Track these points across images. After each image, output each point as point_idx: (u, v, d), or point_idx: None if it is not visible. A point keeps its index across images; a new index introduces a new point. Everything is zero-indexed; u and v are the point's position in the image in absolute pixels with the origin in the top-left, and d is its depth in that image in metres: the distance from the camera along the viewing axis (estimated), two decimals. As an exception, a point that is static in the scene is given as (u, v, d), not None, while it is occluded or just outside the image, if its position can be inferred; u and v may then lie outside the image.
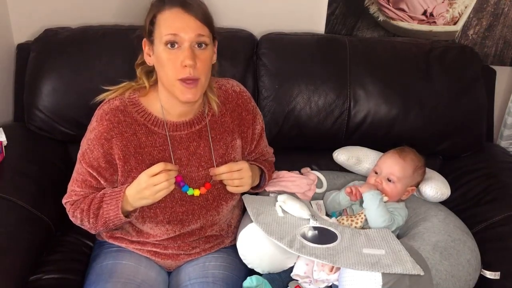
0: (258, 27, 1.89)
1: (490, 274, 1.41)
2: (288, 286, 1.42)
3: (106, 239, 1.50)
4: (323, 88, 1.73)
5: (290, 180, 1.61)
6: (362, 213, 1.50)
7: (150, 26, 1.29)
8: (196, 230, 1.45)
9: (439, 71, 1.74)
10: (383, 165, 1.57)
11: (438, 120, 1.74)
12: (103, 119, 1.35)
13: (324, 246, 1.34)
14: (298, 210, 1.45)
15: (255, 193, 1.57)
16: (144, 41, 1.34)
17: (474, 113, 1.77)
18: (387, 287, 1.23)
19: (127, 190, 1.34)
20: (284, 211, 1.46)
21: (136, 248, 1.46)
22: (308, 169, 1.75)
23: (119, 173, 1.37)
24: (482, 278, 1.42)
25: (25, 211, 1.47)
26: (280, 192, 1.56)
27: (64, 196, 1.43)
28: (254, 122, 1.49)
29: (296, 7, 1.90)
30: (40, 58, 1.72)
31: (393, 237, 1.39)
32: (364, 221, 1.49)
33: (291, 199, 1.48)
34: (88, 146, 1.36)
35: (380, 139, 1.76)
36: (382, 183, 1.54)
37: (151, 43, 1.31)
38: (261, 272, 1.44)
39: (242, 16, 1.90)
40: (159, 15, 1.28)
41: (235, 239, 1.49)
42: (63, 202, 1.44)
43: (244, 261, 1.45)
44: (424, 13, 1.92)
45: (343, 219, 1.52)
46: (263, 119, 1.56)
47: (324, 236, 1.38)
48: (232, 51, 1.75)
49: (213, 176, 1.40)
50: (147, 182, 1.30)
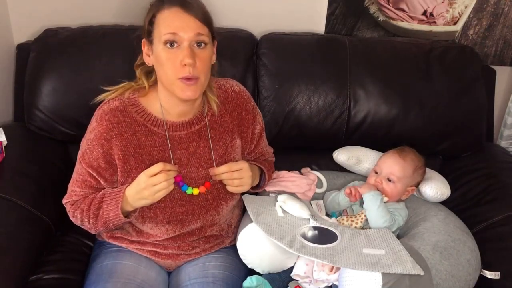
0: (258, 27, 1.89)
1: (490, 274, 1.41)
2: (288, 286, 1.42)
3: (106, 239, 1.50)
4: (323, 88, 1.73)
5: (290, 180, 1.61)
6: (362, 213, 1.50)
7: (149, 26, 1.29)
8: (196, 230, 1.45)
9: (439, 71, 1.74)
10: (383, 165, 1.57)
11: (438, 120, 1.74)
12: (102, 120, 1.35)
13: (324, 246, 1.34)
14: (298, 210, 1.45)
15: (255, 193, 1.57)
16: (143, 41, 1.34)
17: (474, 113, 1.77)
18: (387, 287, 1.23)
19: (126, 190, 1.34)
20: (284, 211, 1.46)
21: (136, 248, 1.46)
22: (308, 169, 1.75)
23: (118, 173, 1.37)
24: (482, 278, 1.42)
25: (25, 211, 1.47)
26: (280, 192, 1.56)
27: (64, 197, 1.44)
28: (254, 122, 1.49)
29: (296, 7, 1.90)
30: (40, 58, 1.72)
31: (393, 237, 1.39)
32: (364, 221, 1.49)
33: (291, 199, 1.48)
34: (87, 146, 1.36)
35: (380, 139, 1.76)
36: (382, 183, 1.54)
37: (150, 43, 1.31)
38: (261, 272, 1.44)
39: (242, 16, 1.90)
40: (158, 14, 1.28)
41: (235, 239, 1.49)
42: (63, 203, 1.44)
43: (244, 261, 1.45)
44: (424, 13, 1.91)
45: (343, 219, 1.52)
46: (263, 119, 1.56)
47: (324, 236, 1.38)
48: (232, 51, 1.75)
49: (213, 176, 1.40)
50: (146, 183, 1.30)
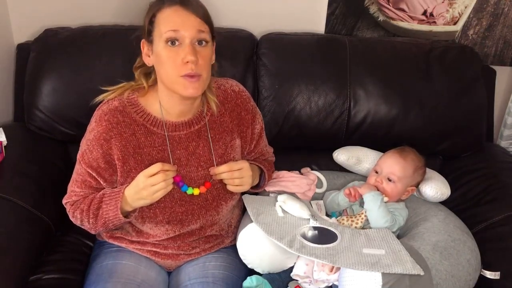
0: (258, 27, 1.89)
1: (490, 274, 1.41)
2: (288, 286, 1.42)
3: (106, 239, 1.50)
4: (323, 88, 1.73)
5: (290, 180, 1.61)
6: (362, 213, 1.50)
7: (149, 26, 1.29)
8: (196, 230, 1.45)
9: (439, 71, 1.74)
10: (384, 164, 1.57)
11: (438, 120, 1.74)
12: (102, 120, 1.35)
13: (324, 246, 1.34)
14: (298, 210, 1.45)
15: (255, 193, 1.57)
16: (143, 42, 1.33)
17: (474, 113, 1.77)
18: (387, 287, 1.23)
19: (126, 190, 1.34)
20: (284, 211, 1.46)
21: (136, 248, 1.46)
22: (308, 169, 1.75)
23: (118, 173, 1.37)
24: (482, 278, 1.42)
25: (25, 211, 1.47)
26: (280, 192, 1.56)
27: (64, 197, 1.44)
28: (254, 122, 1.49)
29: (296, 7, 1.90)
30: (40, 58, 1.72)
31: (393, 237, 1.39)
32: (365, 221, 1.49)
33: (291, 199, 1.48)
34: (87, 146, 1.36)
35: (380, 139, 1.76)
36: (383, 183, 1.54)
37: (150, 43, 1.31)
38: (261, 272, 1.44)
39: (242, 16, 1.90)
40: (158, 13, 1.28)
41: (235, 239, 1.49)
42: (63, 203, 1.44)
43: (244, 261, 1.45)
44: (424, 13, 1.91)
45: (343, 219, 1.52)
46: (263, 119, 1.56)
47: (324, 236, 1.38)
48: (232, 51, 1.75)
49: (213, 175, 1.40)
50: (144, 183, 1.30)
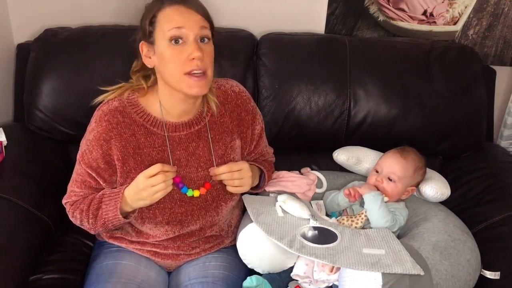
0: (258, 27, 1.89)
1: (490, 274, 1.41)
2: (288, 286, 1.42)
3: (106, 239, 1.49)
4: (323, 88, 1.73)
5: (290, 180, 1.61)
6: (363, 213, 1.50)
7: (150, 27, 1.29)
8: (195, 231, 1.45)
9: (439, 71, 1.74)
10: (384, 164, 1.57)
11: (438, 120, 1.74)
12: (102, 120, 1.35)
13: (324, 246, 1.34)
14: (298, 210, 1.45)
15: (255, 193, 1.57)
16: (142, 44, 1.32)
17: (474, 113, 1.77)
18: (387, 287, 1.23)
19: (125, 191, 1.34)
20: (284, 211, 1.46)
21: (136, 248, 1.46)
22: (308, 169, 1.75)
23: (118, 174, 1.37)
24: (482, 278, 1.42)
25: (25, 211, 1.47)
26: (280, 192, 1.56)
27: (64, 197, 1.44)
28: (254, 123, 1.49)
29: (296, 7, 1.90)
30: (40, 58, 1.72)
31: (393, 237, 1.39)
32: (365, 221, 1.49)
33: (291, 199, 1.48)
34: (87, 147, 1.36)
35: (380, 139, 1.76)
36: (383, 182, 1.54)
37: (151, 44, 1.30)
38: (261, 272, 1.44)
39: (242, 16, 1.90)
40: (159, 13, 1.27)
41: (235, 239, 1.49)
42: (63, 203, 1.44)
43: (244, 261, 1.45)
44: (424, 13, 1.91)
45: (343, 219, 1.52)
46: (263, 119, 1.56)
47: (324, 236, 1.38)
48: (232, 51, 1.75)
49: (213, 176, 1.40)
50: (144, 184, 1.29)
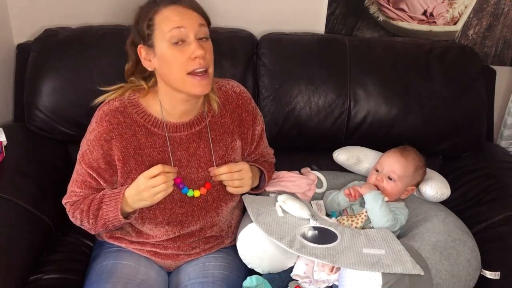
0: (258, 27, 1.89)
1: (490, 274, 1.41)
2: (288, 286, 1.42)
3: (106, 239, 1.49)
4: (323, 88, 1.73)
5: (290, 180, 1.61)
6: (363, 213, 1.50)
7: (148, 30, 1.28)
8: (195, 231, 1.45)
9: (439, 71, 1.74)
10: (385, 163, 1.58)
11: (438, 120, 1.74)
12: (102, 120, 1.35)
13: (324, 246, 1.34)
14: (298, 210, 1.45)
15: (255, 193, 1.57)
16: (140, 47, 1.32)
17: (474, 113, 1.77)
18: (387, 287, 1.23)
19: (126, 191, 1.34)
20: (284, 211, 1.46)
21: (136, 248, 1.46)
22: (308, 169, 1.75)
23: (118, 174, 1.37)
24: (482, 278, 1.42)
25: (25, 211, 1.47)
26: (280, 192, 1.56)
27: (64, 197, 1.44)
28: (254, 123, 1.49)
29: (296, 7, 1.90)
30: (40, 58, 1.72)
31: (393, 237, 1.39)
32: (365, 221, 1.49)
33: (291, 199, 1.48)
34: (87, 147, 1.36)
35: (380, 139, 1.76)
36: (383, 181, 1.54)
37: (150, 47, 1.30)
38: (261, 272, 1.44)
39: (242, 16, 1.90)
40: (156, 16, 1.27)
41: (235, 239, 1.49)
42: (63, 203, 1.44)
43: (244, 261, 1.45)
44: (424, 13, 1.91)
45: (344, 219, 1.52)
46: (263, 119, 1.56)
47: (324, 236, 1.38)
48: (232, 51, 1.75)
49: (213, 176, 1.40)
50: (145, 184, 1.29)
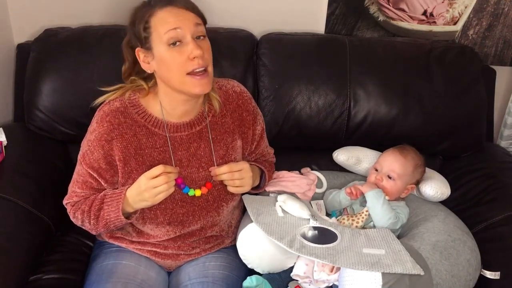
0: (258, 27, 1.89)
1: (490, 274, 1.41)
2: (288, 286, 1.42)
3: (107, 239, 1.50)
4: (323, 88, 1.73)
5: (290, 180, 1.61)
6: (363, 212, 1.50)
7: (144, 33, 1.28)
8: (196, 231, 1.45)
9: (439, 71, 1.74)
10: (384, 162, 1.58)
11: (438, 120, 1.74)
12: (103, 121, 1.35)
13: (324, 246, 1.34)
14: (298, 210, 1.45)
15: (255, 193, 1.57)
16: (138, 50, 1.32)
17: (474, 113, 1.77)
18: (387, 287, 1.23)
19: (127, 191, 1.34)
20: (284, 211, 1.46)
21: (136, 248, 1.46)
22: (308, 169, 1.75)
23: (119, 174, 1.37)
24: (482, 278, 1.42)
25: (25, 211, 1.47)
26: (280, 192, 1.56)
27: (65, 197, 1.44)
28: (255, 123, 1.49)
29: (296, 7, 1.90)
30: (40, 58, 1.72)
31: (393, 237, 1.39)
32: (365, 220, 1.50)
33: (291, 199, 1.48)
34: (88, 147, 1.36)
35: (380, 139, 1.76)
36: (383, 180, 1.54)
37: (147, 49, 1.30)
38: (261, 272, 1.44)
39: (242, 16, 1.90)
40: (152, 18, 1.27)
41: (235, 239, 1.49)
42: (64, 203, 1.44)
43: (244, 261, 1.45)
44: (424, 13, 1.91)
45: (344, 219, 1.52)
46: (263, 119, 1.56)
47: (324, 236, 1.38)
48: (232, 51, 1.75)
49: (214, 176, 1.40)
50: (146, 185, 1.29)
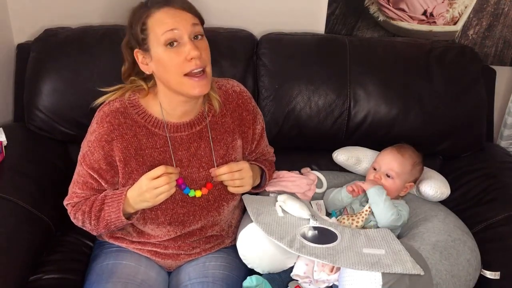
0: (258, 27, 1.89)
1: (490, 274, 1.41)
2: (288, 286, 1.42)
3: (107, 239, 1.49)
4: (323, 88, 1.73)
5: (290, 180, 1.61)
6: (363, 212, 1.51)
7: (142, 34, 1.28)
8: (196, 231, 1.45)
9: (439, 71, 1.74)
10: (382, 161, 1.58)
11: (438, 120, 1.74)
12: (103, 121, 1.35)
13: (324, 246, 1.34)
14: (298, 210, 1.45)
15: (256, 193, 1.57)
16: (136, 51, 1.32)
17: (474, 113, 1.77)
18: (387, 287, 1.23)
19: (128, 192, 1.33)
20: (284, 211, 1.46)
21: (137, 248, 1.46)
22: (308, 169, 1.75)
23: (120, 175, 1.36)
24: (482, 278, 1.42)
25: (25, 211, 1.47)
26: (280, 192, 1.56)
27: (65, 198, 1.43)
28: (255, 122, 1.49)
29: (296, 7, 1.90)
30: (40, 58, 1.72)
31: (393, 237, 1.39)
32: (365, 220, 1.50)
33: (291, 199, 1.48)
34: (88, 148, 1.36)
35: (380, 139, 1.76)
36: (381, 179, 1.54)
37: (145, 51, 1.29)
38: (261, 272, 1.44)
39: (242, 16, 1.90)
40: (149, 20, 1.27)
41: (235, 239, 1.49)
42: (64, 204, 1.44)
43: (244, 261, 1.45)
44: (424, 13, 1.91)
45: (344, 219, 1.52)
46: (263, 119, 1.56)
47: (324, 236, 1.38)
48: (232, 51, 1.75)
49: (214, 177, 1.40)
50: (147, 185, 1.29)
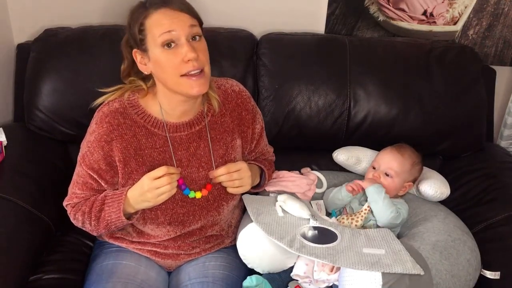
0: (258, 27, 1.89)
1: (490, 274, 1.41)
2: (288, 286, 1.42)
3: (107, 239, 1.49)
4: (323, 88, 1.73)
5: (290, 180, 1.61)
6: (362, 211, 1.51)
7: (140, 35, 1.28)
8: (196, 230, 1.45)
9: (439, 71, 1.74)
10: (382, 160, 1.58)
11: (438, 120, 1.74)
12: (103, 122, 1.35)
13: (324, 246, 1.34)
14: (298, 210, 1.45)
15: (256, 192, 1.57)
16: (135, 52, 1.32)
17: (474, 113, 1.77)
18: (387, 286, 1.23)
19: (129, 192, 1.34)
20: (284, 211, 1.46)
21: (136, 248, 1.46)
22: (308, 169, 1.75)
23: (119, 175, 1.36)
24: (482, 278, 1.42)
25: (25, 211, 1.47)
26: (280, 192, 1.56)
27: (65, 199, 1.43)
28: (254, 122, 1.49)
29: (296, 7, 1.90)
30: (40, 58, 1.72)
31: (393, 237, 1.39)
32: (364, 219, 1.50)
33: (291, 199, 1.48)
34: (88, 148, 1.36)
35: (380, 139, 1.76)
36: (380, 178, 1.54)
37: (144, 51, 1.30)
38: (261, 272, 1.44)
39: (242, 16, 1.90)
40: (146, 20, 1.27)
41: (235, 239, 1.49)
42: (64, 205, 1.43)
43: (244, 261, 1.45)
44: (424, 13, 1.91)
45: (343, 218, 1.52)
46: (263, 119, 1.56)
47: (324, 236, 1.38)
48: (232, 51, 1.75)
49: (212, 178, 1.40)
50: (149, 185, 1.29)
